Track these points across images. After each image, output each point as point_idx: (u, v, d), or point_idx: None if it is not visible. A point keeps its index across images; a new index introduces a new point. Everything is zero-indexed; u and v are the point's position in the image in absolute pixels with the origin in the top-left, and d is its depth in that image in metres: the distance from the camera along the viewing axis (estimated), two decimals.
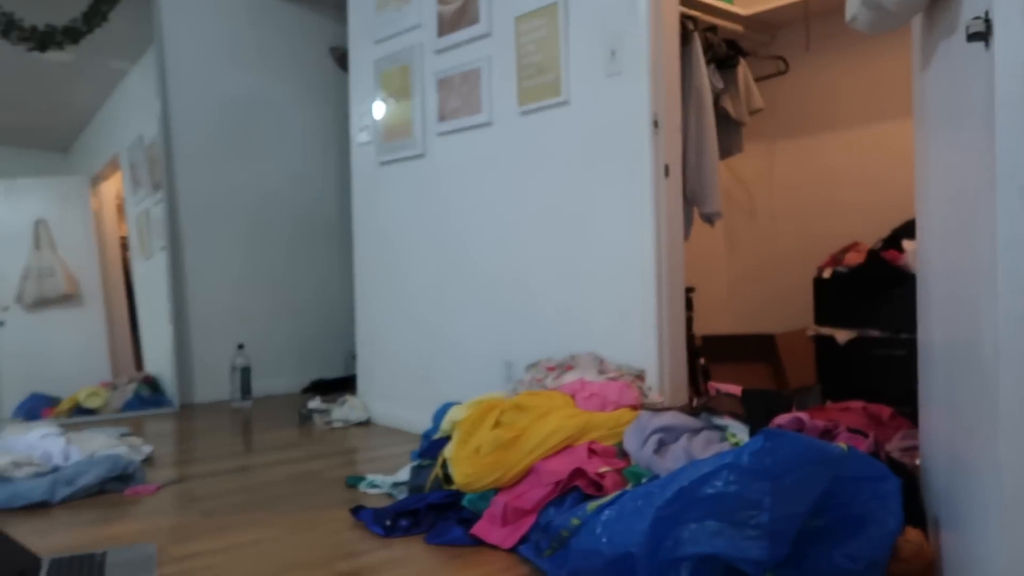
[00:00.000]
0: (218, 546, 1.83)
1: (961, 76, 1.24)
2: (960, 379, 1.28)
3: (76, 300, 3.71)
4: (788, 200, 3.88)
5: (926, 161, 1.66)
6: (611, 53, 2.62)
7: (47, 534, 1.94)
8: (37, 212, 3.68)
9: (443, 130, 3.25)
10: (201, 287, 4.08)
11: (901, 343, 2.79)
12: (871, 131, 3.55)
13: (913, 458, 1.93)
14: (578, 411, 2.07)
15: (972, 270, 1.17)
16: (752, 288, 3.99)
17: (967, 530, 1.22)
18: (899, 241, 2.94)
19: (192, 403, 3.99)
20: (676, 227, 2.58)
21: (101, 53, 3.80)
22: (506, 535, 1.74)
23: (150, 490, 2.32)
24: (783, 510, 1.33)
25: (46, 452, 2.39)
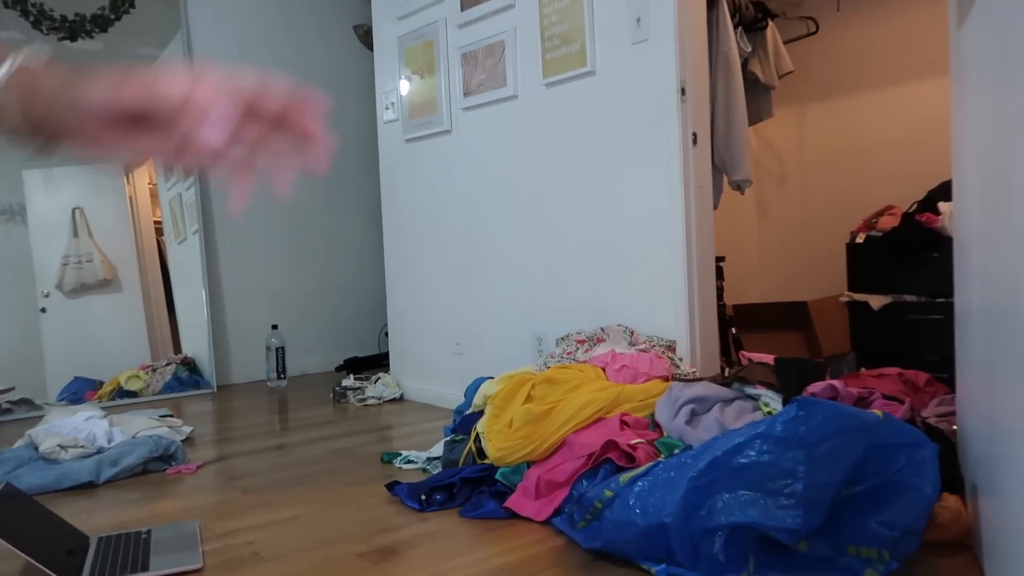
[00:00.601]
0: (258, 522, 1.88)
1: (1001, 28, 1.20)
2: (999, 343, 1.25)
3: (114, 285, 3.79)
4: (820, 165, 3.80)
5: (963, 119, 1.61)
6: (636, 20, 2.57)
7: (94, 513, 2.00)
8: (74, 200, 3.74)
9: (468, 105, 3.23)
10: (234, 269, 4.14)
11: (937, 307, 2.74)
12: (905, 90, 3.46)
13: (950, 424, 1.90)
14: (609, 383, 2.07)
15: (1012, 231, 1.14)
16: (784, 255, 3.94)
17: (1006, 495, 1.20)
18: (935, 203, 2.87)
19: (229, 383, 4.06)
20: (705, 196, 2.54)
21: (129, 40, 3.84)
22: (540, 508, 1.76)
23: (191, 469, 2.37)
24: (817, 478, 1.31)
25: (90, 434, 2.45)
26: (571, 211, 2.81)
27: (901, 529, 1.38)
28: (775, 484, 1.33)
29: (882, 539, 1.37)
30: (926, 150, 3.30)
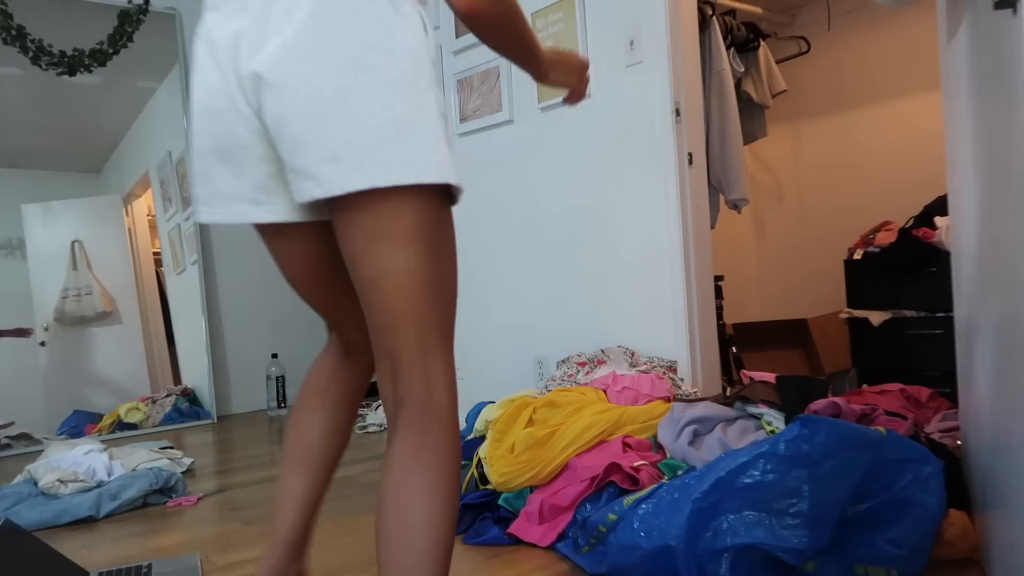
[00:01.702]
0: (261, 554, 1.85)
1: (989, 45, 1.21)
2: (1001, 356, 1.24)
3: (114, 317, 3.78)
4: (815, 182, 3.82)
5: (957, 134, 1.62)
6: (629, 43, 2.60)
7: (94, 548, 1.98)
8: (73, 233, 3.75)
9: (464, 130, 3.26)
10: (234, 298, 4.14)
11: (937, 322, 2.73)
12: (897, 107, 3.48)
13: (954, 439, 1.89)
14: (611, 406, 2.06)
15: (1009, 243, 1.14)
16: (782, 273, 3.94)
17: (1013, 509, 1.19)
18: (931, 218, 2.88)
19: (229, 414, 4.05)
20: (702, 215, 2.55)
21: (128, 73, 3.87)
22: (543, 533, 1.74)
23: (192, 501, 2.35)
24: (822, 497, 1.30)
25: (90, 468, 2.43)
26: (569, 233, 2.82)
27: (909, 547, 1.37)
28: (780, 504, 1.31)
29: (890, 557, 1.36)
30: (921, 165, 3.32)
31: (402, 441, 0.93)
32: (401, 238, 0.95)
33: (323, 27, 0.90)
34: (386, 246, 0.95)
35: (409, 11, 0.97)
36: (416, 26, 0.98)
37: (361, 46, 0.91)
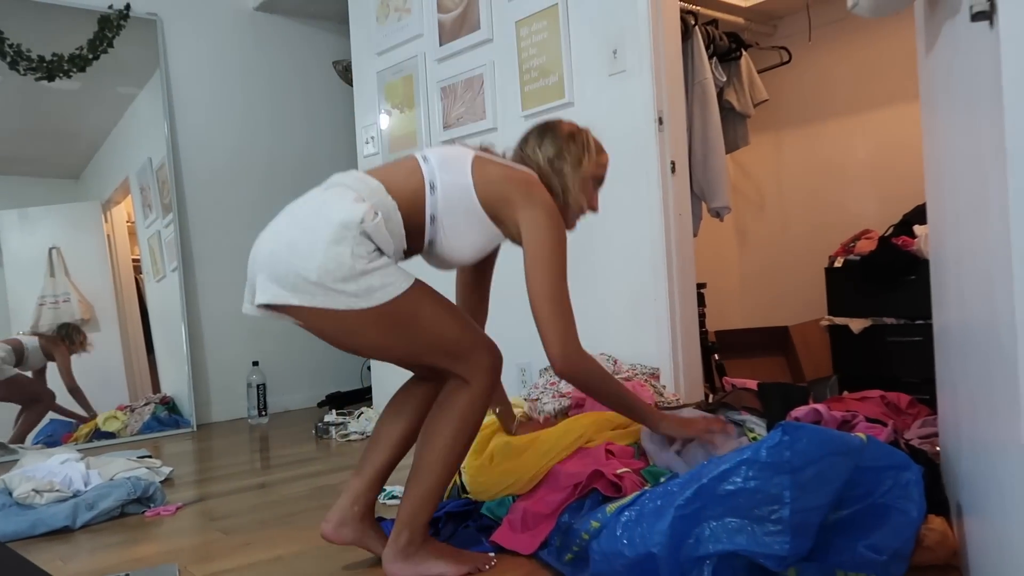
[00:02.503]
0: (240, 564, 1.83)
1: (966, 57, 1.23)
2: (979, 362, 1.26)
3: (92, 325, 3.74)
4: (797, 190, 3.85)
5: (935, 144, 1.64)
6: (613, 52, 2.61)
7: (70, 559, 1.95)
8: (51, 239, 3.71)
9: (448, 138, 3.25)
10: (214, 306, 4.10)
11: (916, 329, 2.76)
12: (878, 117, 3.53)
13: (933, 445, 1.90)
14: (590, 412, 2.06)
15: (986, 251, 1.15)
16: (764, 281, 3.97)
17: (991, 515, 1.20)
18: (910, 226, 2.92)
19: (209, 422, 4.01)
20: (685, 223, 2.56)
21: (108, 79, 3.84)
22: (526, 541, 1.73)
23: (170, 511, 2.32)
24: (804, 503, 1.31)
25: (66, 477, 2.40)
26: None
27: (889, 553, 1.37)
28: (762, 510, 1.32)
29: (870, 563, 1.36)
30: (900, 174, 3.36)
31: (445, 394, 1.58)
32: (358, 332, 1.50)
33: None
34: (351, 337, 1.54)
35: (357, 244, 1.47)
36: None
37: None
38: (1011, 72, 0.98)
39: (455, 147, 1.66)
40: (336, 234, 1.45)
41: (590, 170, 1.70)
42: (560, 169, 1.66)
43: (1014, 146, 0.98)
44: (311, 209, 1.55)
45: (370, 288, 1.44)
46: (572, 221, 1.71)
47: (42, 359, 3.57)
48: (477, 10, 3.07)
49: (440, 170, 1.57)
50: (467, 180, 1.55)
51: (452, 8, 3.19)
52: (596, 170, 1.73)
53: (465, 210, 1.56)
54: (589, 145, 1.71)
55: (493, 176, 1.56)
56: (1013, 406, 1.01)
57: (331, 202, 1.52)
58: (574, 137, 1.71)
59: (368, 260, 1.45)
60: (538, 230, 1.51)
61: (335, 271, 1.43)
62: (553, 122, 1.77)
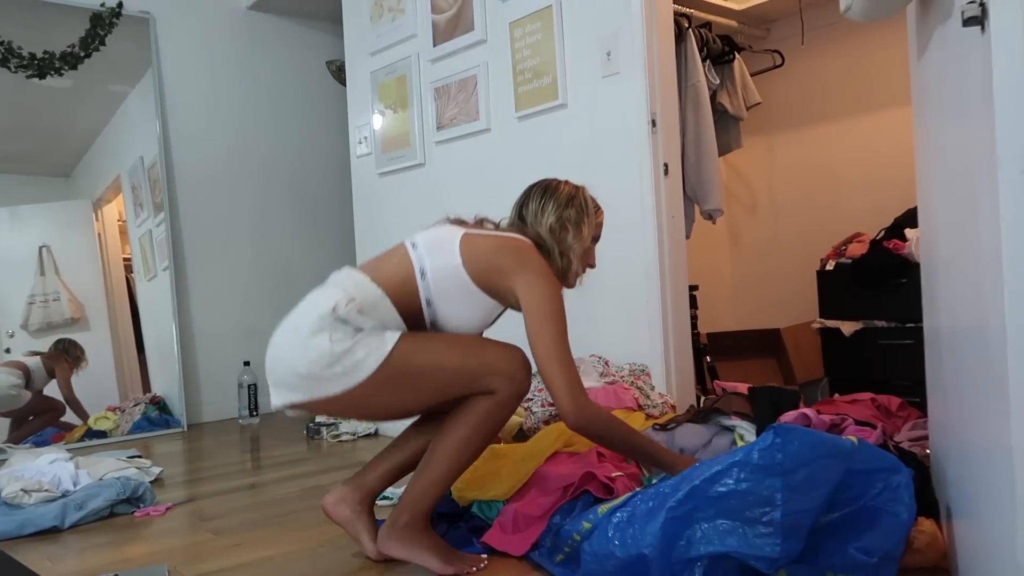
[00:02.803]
0: (230, 564, 1.83)
1: (958, 61, 1.23)
2: (968, 365, 1.26)
3: (82, 324, 3.72)
4: (789, 194, 3.87)
5: (926, 148, 1.65)
6: (606, 54, 2.62)
7: (59, 560, 1.94)
8: (41, 238, 3.69)
9: (441, 138, 3.25)
10: (205, 306, 4.09)
11: (907, 332, 2.77)
12: (870, 121, 3.54)
13: (923, 448, 1.91)
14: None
15: (976, 255, 1.16)
16: (756, 284, 3.98)
17: (980, 518, 1.21)
18: (901, 230, 2.93)
19: (200, 422, 3.99)
20: (678, 226, 2.57)
21: (100, 77, 3.82)
22: (518, 542, 1.73)
23: (160, 511, 2.31)
24: (795, 506, 1.31)
25: (55, 477, 2.38)
26: None
27: (879, 555, 1.38)
28: (753, 512, 1.32)
29: (861, 566, 1.37)
30: (892, 178, 3.37)
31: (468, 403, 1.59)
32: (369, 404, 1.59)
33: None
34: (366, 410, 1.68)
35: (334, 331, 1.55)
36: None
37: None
38: (1002, 77, 0.98)
39: (445, 227, 1.70)
40: (314, 326, 1.54)
41: (590, 233, 1.75)
42: (562, 238, 1.70)
43: (1005, 151, 0.98)
44: (298, 311, 1.66)
45: (356, 363, 1.51)
46: (572, 281, 1.76)
47: (45, 378, 3.58)
48: (471, 11, 3.07)
49: (429, 255, 1.62)
50: (456, 261, 1.60)
51: (446, 9, 3.19)
52: (594, 231, 1.78)
53: (458, 290, 1.61)
54: (588, 208, 1.75)
55: (483, 249, 1.61)
56: (1002, 409, 1.01)
57: (314, 300, 1.63)
58: (572, 201, 1.74)
59: (347, 340, 1.53)
60: (533, 293, 1.56)
61: (319, 360, 1.52)
62: (551, 185, 1.79)
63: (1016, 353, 0.98)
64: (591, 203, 1.77)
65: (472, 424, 1.57)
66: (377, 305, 1.59)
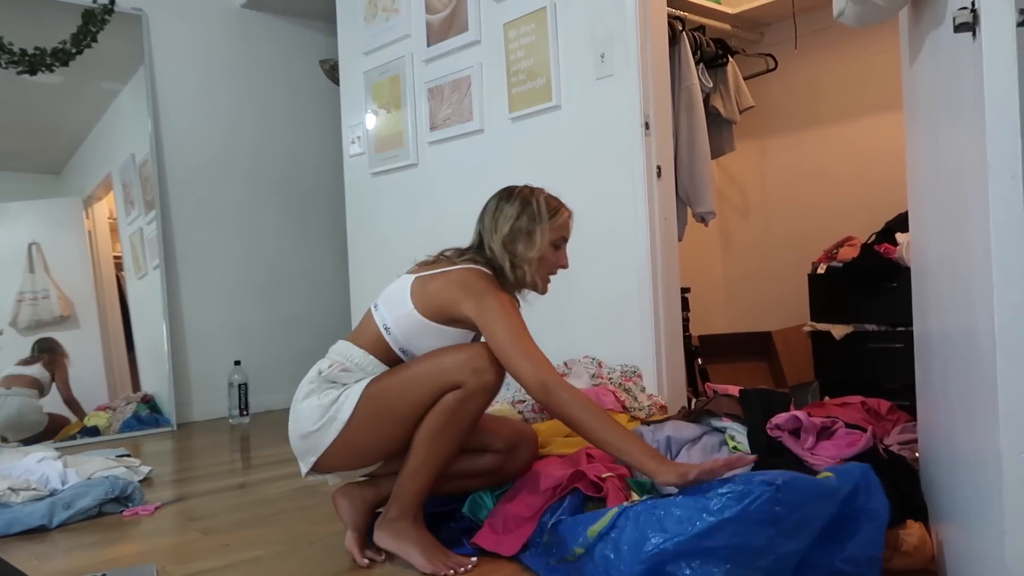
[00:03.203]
0: (219, 564, 1.82)
1: (949, 67, 1.24)
2: (958, 369, 1.27)
3: (71, 322, 3.70)
4: (781, 197, 3.88)
5: (917, 153, 1.66)
6: (600, 56, 2.62)
7: (46, 559, 1.93)
8: (31, 235, 3.67)
9: (435, 139, 3.25)
10: (196, 304, 4.07)
11: (898, 336, 2.78)
12: (862, 125, 3.56)
13: (913, 451, 1.92)
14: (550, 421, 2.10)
15: (966, 260, 1.16)
16: (748, 286, 3.99)
17: (969, 521, 1.21)
18: (892, 234, 2.94)
19: (190, 421, 3.97)
20: (670, 228, 2.57)
21: (91, 74, 3.80)
22: (508, 543, 1.73)
23: (149, 510, 2.30)
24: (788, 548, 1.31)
25: (43, 476, 2.37)
26: None
27: (864, 560, 1.38)
28: (745, 559, 1.30)
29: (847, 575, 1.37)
30: (883, 182, 3.39)
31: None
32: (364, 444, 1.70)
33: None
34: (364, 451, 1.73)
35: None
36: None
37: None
38: (993, 83, 0.99)
39: (400, 279, 1.78)
40: (305, 391, 1.73)
41: (546, 240, 1.76)
42: (514, 250, 1.75)
43: (995, 156, 0.99)
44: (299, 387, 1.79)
45: (339, 407, 1.67)
46: (540, 288, 1.81)
47: (51, 383, 3.56)
48: (465, 11, 3.07)
49: (387, 310, 1.73)
50: (409, 307, 1.70)
51: (440, 9, 3.19)
52: (555, 235, 1.80)
53: (423, 331, 1.70)
54: (541, 214, 1.76)
55: (431, 290, 1.70)
56: (991, 413, 1.02)
57: (308, 373, 1.78)
58: (525, 210, 1.77)
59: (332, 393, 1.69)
60: (481, 311, 1.63)
61: (311, 416, 1.69)
62: (506, 195, 1.83)
63: (1005, 357, 0.99)
64: (546, 208, 1.78)
65: (443, 416, 1.61)
66: (363, 363, 1.73)
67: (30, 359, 3.56)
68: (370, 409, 1.65)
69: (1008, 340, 0.98)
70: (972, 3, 1.02)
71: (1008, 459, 0.98)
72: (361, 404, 1.65)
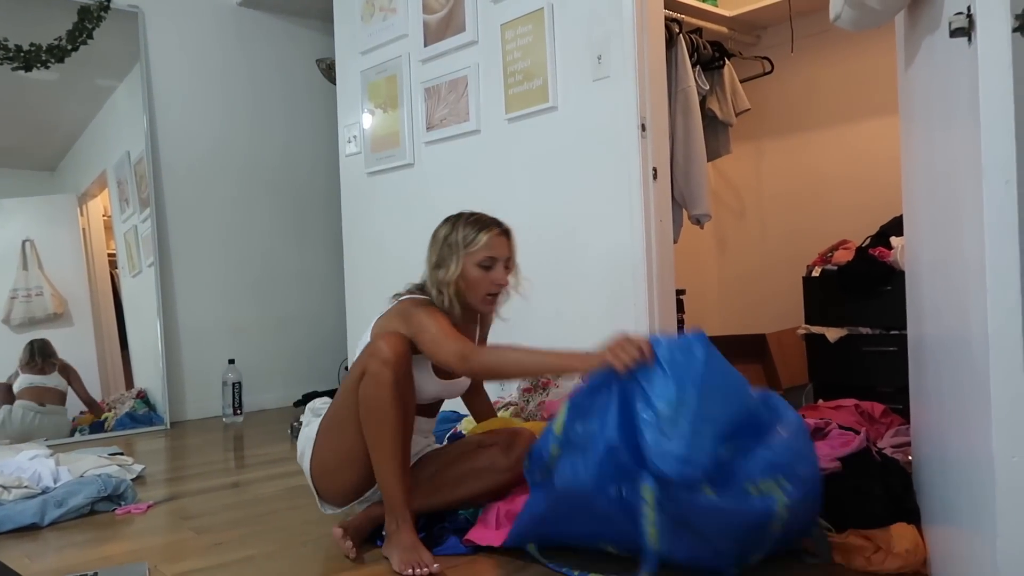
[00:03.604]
0: (211, 564, 1.81)
1: (945, 72, 1.25)
2: (951, 373, 1.27)
3: (65, 319, 3.68)
4: (776, 200, 3.88)
5: (912, 157, 1.67)
6: (597, 58, 2.62)
7: (37, 557, 1.92)
8: (24, 232, 3.65)
9: (431, 139, 3.25)
10: (191, 302, 4.06)
11: (892, 339, 2.79)
12: (858, 129, 3.56)
13: (905, 455, 1.93)
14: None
15: (960, 264, 1.17)
16: (742, 289, 4.00)
17: (961, 524, 1.22)
18: (887, 238, 2.95)
19: (183, 420, 3.96)
20: (666, 230, 2.58)
21: (87, 71, 3.79)
22: (501, 536, 1.74)
23: (141, 509, 2.29)
24: (705, 411, 1.40)
25: (35, 474, 2.36)
26: (533, 245, 2.82)
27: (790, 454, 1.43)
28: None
29: (775, 466, 1.41)
30: (878, 186, 3.40)
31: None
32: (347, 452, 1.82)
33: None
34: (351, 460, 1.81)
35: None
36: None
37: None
38: (988, 89, 0.99)
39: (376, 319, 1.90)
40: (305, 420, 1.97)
41: (465, 265, 1.84)
42: (436, 277, 1.86)
43: (990, 161, 0.99)
44: None
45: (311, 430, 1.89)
46: (480, 307, 1.89)
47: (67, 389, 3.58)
48: (463, 12, 3.07)
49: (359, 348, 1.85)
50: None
51: (438, 9, 3.18)
52: (478, 257, 1.85)
53: None
54: (456, 242, 1.85)
55: (381, 324, 1.85)
56: (984, 417, 1.02)
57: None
58: (446, 239, 1.88)
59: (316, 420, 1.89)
60: (411, 326, 1.76)
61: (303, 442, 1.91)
62: (442, 222, 1.95)
63: (998, 362, 0.99)
64: (464, 233, 1.86)
65: (363, 405, 1.71)
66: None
67: (39, 366, 3.54)
68: (327, 424, 1.83)
69: (1001, 344, 0.99)
70: (968, 8, 1.03)
71: (1000, 462, 0.99)
72: (328, 413, 1.85)
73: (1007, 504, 0.98)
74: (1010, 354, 0.98)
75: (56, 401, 3.53)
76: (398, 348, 1.70)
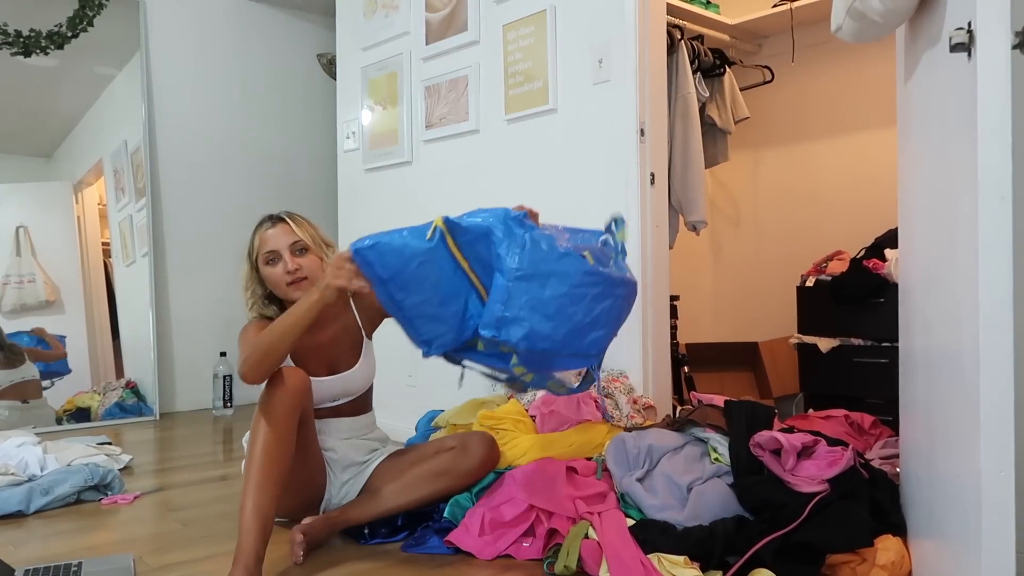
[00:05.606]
0: (197, 556, 1.81)
1: (944, 87, 1.25)
2: (941, 386, 1.28)
3: (57, 307, 3.67)
4: (772, 209, 3.89)
5: (909, 170, 1.67)
6: (598, 61, 2.62)
7: (21, 544, 1.91)
8: (18, 218, 3.64)
9: (430, 137, 3.24)
10: (184, 294, 4.05)
11: (883, 351, 2.80)
12: (855, 141, 3.58)
13: (894, 466, 1.93)
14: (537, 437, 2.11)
15: (953, 278, 1.17)
16: (736, 296, 4.00)
17: (947, 538, 1.22)
18: (881, 250, 2.95)
19: (173, 411, 3.95)
20: (661, 235, 2.58)
21: (86, 58, 3.77)
22: (483, 546, 1.73)
23: (128, 499, 2.28)
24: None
25: (22, 461, 2.35)
26: None
27: (509, 309, 1.55)
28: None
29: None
30: (875, 198, 3.41)
31: None
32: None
33: None
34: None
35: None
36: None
37: None
38: (986, 104, 1.00)
39: None
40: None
41: (261, 267, 1.98)
42: (249, 295, 2.02)
43: (986, 177, 1.00)
44: None
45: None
46: (285, 297, 1.95)
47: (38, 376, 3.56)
48: (465, 11, 3.07)
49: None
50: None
51: (440, 8, 3.18)
52: (265, 258, 1.99)
53: None
54: (249, 255, 2.02)
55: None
56: (972, 432, 1.02)
57: None
58: (248, 255, 2.05)
59: None
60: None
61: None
62: None
63: (988, 376, 0.99)
64: (249, 244, 2.03)
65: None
66: None
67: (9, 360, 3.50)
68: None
69: (991, 359, 0.99)
70: (968, 24, 1.03)
71: (987, 477, 0.99)
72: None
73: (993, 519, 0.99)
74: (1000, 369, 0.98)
75: (36, 395, 3.50)
76: (242, 364, 1.76)
